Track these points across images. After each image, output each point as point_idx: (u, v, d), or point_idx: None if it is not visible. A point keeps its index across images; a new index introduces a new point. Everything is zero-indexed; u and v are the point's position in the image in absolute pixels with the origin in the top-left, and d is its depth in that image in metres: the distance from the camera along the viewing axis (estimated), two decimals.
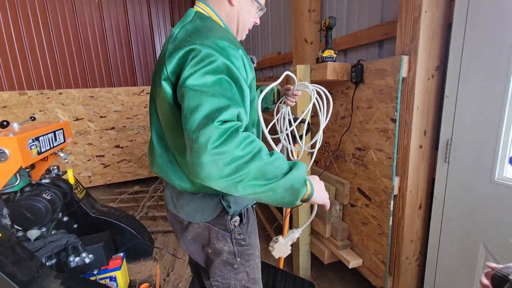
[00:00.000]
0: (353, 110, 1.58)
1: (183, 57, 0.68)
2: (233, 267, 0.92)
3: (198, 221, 0.88)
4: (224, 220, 0.88)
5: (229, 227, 0.89)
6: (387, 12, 1.56)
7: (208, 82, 0.63)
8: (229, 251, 0.90)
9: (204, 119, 0.59)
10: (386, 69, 1.32)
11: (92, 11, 4.03)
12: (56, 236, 1.22)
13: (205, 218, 0.87)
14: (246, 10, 0.89)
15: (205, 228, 0.89)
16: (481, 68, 1.10)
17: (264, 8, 0.94)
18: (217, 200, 0.87)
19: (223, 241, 0.89)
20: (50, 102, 3.41)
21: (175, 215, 0.93)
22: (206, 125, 0.58)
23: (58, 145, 1.42)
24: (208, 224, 0.88)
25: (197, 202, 0.87)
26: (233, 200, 0.88)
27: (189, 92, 0.63)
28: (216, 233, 0.89)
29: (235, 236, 0.90)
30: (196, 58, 0.65)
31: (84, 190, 1.75)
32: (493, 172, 1.10)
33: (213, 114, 0.60)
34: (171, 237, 2.57)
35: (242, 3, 0.87)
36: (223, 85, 0.65)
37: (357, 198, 1.64)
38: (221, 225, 0.88)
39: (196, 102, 0.61)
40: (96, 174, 3.75)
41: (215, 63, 0.65)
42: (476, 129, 1.14)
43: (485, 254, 1.18)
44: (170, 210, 0.94)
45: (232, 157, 0.58)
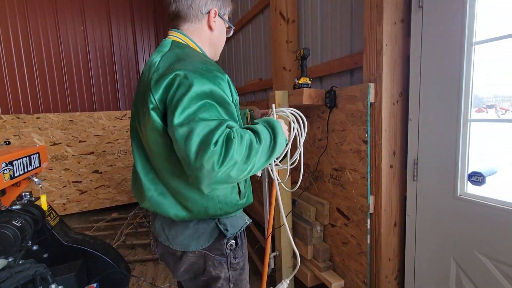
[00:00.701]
0: (328, 133, 1.67)
1: (169, 84, 0.69)
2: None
3: (193, 249, 0.84)
4: (221, 244, 0.86)
5: (225, 251, 0.86)
6: (356, 44, 1.72)
7: (194, 109, 0.66)
8: (225, 277, 0.88)
9: (201, 146, 0.62)
10: (356, 95, 1.43)
11: (77, 36, 4.08)
12: (24, 266, 1.15)
13: (201, 245, 0.84)
14: (221, 32, 0.94)
15: (200, 257, 0.86)
16: (436, 94, 1.23)
17: (232, 27, 0.98)
18: (213, 225, 0.85)
19: (219, 268, 0.87)
20: (27, 126, 3.32)
21: (167, 247, 0.87)
22: (205, 151, 0.61)
23: (33, 169, 1.38)
24: (203, 251, 0.85)
25: (192, 229, 0.84)
26: (229, 223, 0.86)
27: (179, 127, 0.65)
28: (212, 260, 0.86)
29: (230, 261, 0.88)
30: (181, 84, 0.68)
31: (57, 217, 1.68)
32: (455, 189, 1.19)
33: (207, 138, 0.62)
34: (150, 266, 2.45)
35: (218, 27, 0.91)
36: (208, 108, 0.67)
37: (337, 218, 1.68)
38: (217, 250, 0.86)
39: (187, 130, 0.64)
40: (72, 201, 3.58)
41: (200, 89, 0.67)
42: (438, 149, 1.24)
43: (456, 268, 1.23)
44: (162, 242, 0.88)
45: (236, 163, 0.64)
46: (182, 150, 0.64)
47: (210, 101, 0.68)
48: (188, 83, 0.67)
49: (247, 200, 0.91)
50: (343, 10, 1.74)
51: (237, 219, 0.90)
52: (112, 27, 4.26)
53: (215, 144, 0.62)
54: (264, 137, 0.71)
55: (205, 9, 0.86)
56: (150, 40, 4.55)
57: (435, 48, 1.22)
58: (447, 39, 1.17)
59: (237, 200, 0.86)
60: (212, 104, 0.68)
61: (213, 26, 0.89)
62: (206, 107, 0.67)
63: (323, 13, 1.93)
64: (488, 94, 1.50)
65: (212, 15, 0.88)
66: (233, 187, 0.86)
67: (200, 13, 0.86)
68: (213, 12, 0.87)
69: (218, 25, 0.91)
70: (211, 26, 0.88)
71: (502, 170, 1.69)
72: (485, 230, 1.11)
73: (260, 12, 2.86)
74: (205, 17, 0.87)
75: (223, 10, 0.92)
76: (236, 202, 0.86)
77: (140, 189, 0.85)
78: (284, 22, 2.17)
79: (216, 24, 0.90)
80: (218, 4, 0.89)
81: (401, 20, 1.34)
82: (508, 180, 1.53)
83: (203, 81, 0.68)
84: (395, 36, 1.33)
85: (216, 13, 0.88)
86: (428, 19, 1.23)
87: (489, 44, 1.07)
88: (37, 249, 1.39)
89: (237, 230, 0.88)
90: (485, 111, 1.46)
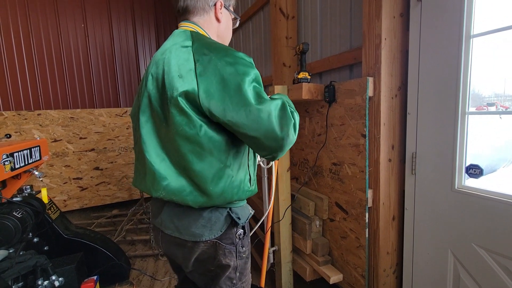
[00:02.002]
0: (327, 127, 1.67)
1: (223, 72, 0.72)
2: (232, 282, 0.92)
3: (206, 238, 0.84)
4: (232, 233, 0.88)
5: (235, 241, 0.88)
6: (355, 40, 1.73)
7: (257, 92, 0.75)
8: (233, 266, 0.90)
9: (283, 120, 0.74)
10: (354, 89, 1.44)
11: (77, 33, 4.08)
12: (25, 257, 1.17)
13: (214, 235, 0.85)
14: (228, 24, 0.96)
15: (211, 246, 0.86)
16: (434, 88, 1.23)
17: (238, 18, 1.01)
18: (226, 214, 0.86)
19: (229, 256, 0.88)
20: (28, 123, 3.33)
21: (175, 238, 0.87)
22: (287, 123, 0.74)
23: (34, 162, 1.39)
24: (215, 240, 0.86)
25: (206, 218, 0.84)
26: (240, 212, 0.89)
27: (256, 105, 0.73)
28: (223, 249, 0.87)
29: (238, 250, 0.90)
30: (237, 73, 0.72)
31: (58, 210, 1.69)
32: (453, 181, 1.20)
33: (286, 113, 0.75)
34: (150, 262, 2.46)
35: (225, 19, 0.94)
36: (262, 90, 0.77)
37: (336, 212, 1.69)
38: (228, 239, 0.87)
39: (266, 109, 0.73)
40: (72, 197, 3.59)
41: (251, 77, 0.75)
42: (436, 142, 1.25)
43: (453, 261, 1.24)
44: (169, 234, 0.87)
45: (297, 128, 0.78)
46: (264, 126, 0.72)
47: (258, 85, 0.76)
48: (242, 71, 0.72)
49: (255, 188, 0.94)
50: (342, 6, 1.75)
51: (244, 208, 0.92)
52: (113, 24, 4.27)
53: (292, 117, 0.76)
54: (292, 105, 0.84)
55: (212, 1, 0.89)
56: (151, 36, 4.55)
57: (434, 42, 1.22)
58: (445, 32, 1.17)
59: (248, 187, 0.88)
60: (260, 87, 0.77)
61: (220, 18, 0.91)
62: (262, 90, 0.76)
63: (323, 9, 1.93)
64: (489, 92, 1.51)
65: (218, 6, 0.90)
66: (246, 174, 0.88)
67: (207, 6, 0.88)
68: (219, 3, 0.90)
69: (225, 16, 0.93)
70: (218, 18, 0.91)
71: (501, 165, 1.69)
72: (482, 222, 1.11)
73: (260, 9, 2.87)
74: (212, 9, 0.90)
75: (228, 1, 0.94)
76: (248, 188, 0.88)
77: (152, 180, 0.83)
78: (284, 18, 2.18)
79: (222, 15, 0.92)
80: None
81: (400, 14, 1.35)
82: (505, 173, 1.53)
83: (250, 70, 0.74)
84: (394, 30, 1.34)
85: (222, 4, 0.91)
86: (426, 12, 1.24)
87: (489, 38, 1.07)
88: (37, 242, 1.40)
89: (246, 219, 0.90)
90: (486, 109, 1.46)
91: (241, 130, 0.73)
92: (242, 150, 0.85)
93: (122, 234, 2.85)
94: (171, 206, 0.87)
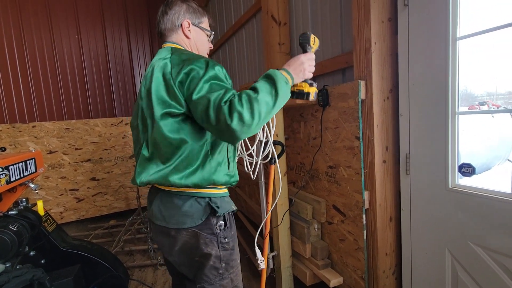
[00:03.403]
0: (322, 131, 1.69)
1: (187, 73, 0.87)
2: (219, 272, 0.99)
3: (188, 226, 0.95)
4: (211, 224, 0.97)
5: (215, 231, 0.97)
6: (346, 44, 1.76)
7: (207, 87, 0.85)
8: (215, 255, 0.98)
9: (216, 107, 0.81)
10: (347, 93, 1.46)
11: (71, 45, 4.10)
12: (22, 270, 1.15)
13: (194, 223, 0.95)
14: (200, 40, 1.12)
15: (193, 235, 0.96)
16: (425, 89, 1.26)
17: (212, 32, 1.16)
18: (205, 204, 0.97)
19: (210, 246, 0.97)
20: (22, 135, 3.31)
21: (162, 227, 0.98)
22: (219, 109, 0.80)
23: (29, 175, 1.38)
24: (196, 230, 0.96)
25: (187, 207, 0.95)
26: (219, 203, 0.98)
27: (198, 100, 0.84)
28: (203, 238, 0.96)
29: (220, 240, 0.99)
30: (196, 73, 0.87)
31: (54, 223, 1.68)
32: (447, 181, 1.21)
33: (219, 101, 0.81)
34: (149, 272, 2.44)
35: (196, 35, 1.10)
36: (216, 84, 0.86)
37: (333, 215, 1.70)
38: (208, 229, 0.97)
39: (206, 101, 0.82)
40: (69, 209, 3.56)
41: (208, 75, 0.86)
42: (428, 143, 1.27)
43: (451, 259, 1.25)
44: (158, 224, 1.00)
45: (242, 113, 0.78)
46: (204, 115, 0.82)
47: (215, 81, 0.87)
48: (201, 72, 0.86)
49: (234, 175, 1.05)
50: (332, 12, 1.78)
51: (225, 202, 1.02)
52: (107, 34, 4.29)
53: (225, 103, 0.80)
54: (262, 87, 0.84)
55: (178, 22, 1.06)
56: (145, 46, 4.58)
57: (422, 45, 1.25)
58: (432, 35, 1.20)
59: (226, 171, 1.00)
60: (217, 82, 0.87)
61: (188, 35, 1.07)
62: (215, 84, 0.86)
63: (314, 15, 1.97)
64: (481, 92, 1.54)
65: (186, 25, 1.06)
66: (223, 159, 1.00)
67: (174, 27, 1.06)
68: (185, 22, 1.06)
69: (194, 32, 1.09)
70: (186, 35, 1.07)
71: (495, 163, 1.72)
72: (477, 220, 1.13)
73: (253, 16, 2.91)
74: (180, 29, 1.06)
75: (197, 20, 1.09)
76: (225, 172, 1.00)
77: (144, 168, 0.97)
78: (276, 24, 2.21)
79: (191, 32, 1.08)
80: (189, 16, 1.07)
81: (388, 19, 1.38)
82: (499, 171, 1.56)
83: (209, 70, 0.87)
84: (383, 34, 1.37)
85: (189, 23, 1.07)
86: (413, 16, 1.27)
87: (477, 39, 1.10)
88: (34, 255, 1.38)
89: (225, 211, 0.99)
90: (478, 108, 1.49)
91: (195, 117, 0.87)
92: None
93: (120, 245, 2.82)
94: (160, 198, 1.00)
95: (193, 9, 1.09)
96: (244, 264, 2.40)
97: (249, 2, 2.94)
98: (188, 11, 1.07)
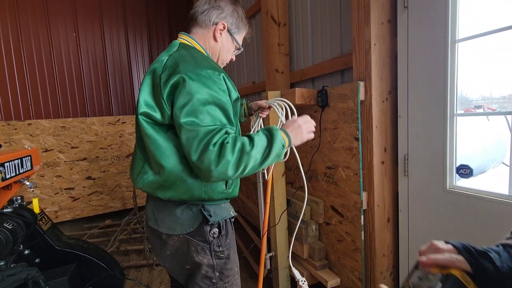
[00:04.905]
0: (321, 132, 1.69)
1: (175, 85, 0.80)
2: (212, 281, 0.93)
3: (178, 233, 0.89)
4: (203, 231, 0.90)
5: (208, 238, 0.91)
6: (345, 46, 1.77)
7: (197, 114, 0.77)
8: (208, 264, 0.91)
9: (202, 146, 0.74)
10: (346, 94, 1.47)
11: (69, 43, 4.06)
12: (16, 269, 1.13)
13: (185, 230, 0.89)
14: (227, 47, 1.03)
15: (184, 242, 0.91)
16: (423, 91, 1.27)
17: (241, 49, 1.08)
18: (197, 211, 0.90)
19: (202, 254, 0.91)
20: (18, 133, 3.27)
21: (155, 230, 0.94)
22: (205, 151, 0.74)
23: (25, 172, 1.37)
24: (187, 236, 0.90)
25: (178, 213, 0.90)
26: (213, 210, 0.91)
27: (185, 126, 0.77)
28: (195, 246, 0.90)
29: (214, 248, 0.92)
30: (186, 88, 0.77)
31: (49, 221, 1.65)
32: (444, 182, 1.22)
33: (208, 141, 0.74)
34: (145, 272, 2.41)
35: (225, 42, 1.01)
36: (210, 113, 0.78)
37: (331, 216, 1.70)
38: (200, 236, 0.90)
39: (192, 131, 0.76)
40: (64, 208, 3.51)
41: (202, 96, 0.77)
42: (427, 144, 1.28)
43: None
44: (151, 226, 0.96)
45: (229, 163, 0.74)
46: (187, 147, 0.76)
47: (212, 106, 0.78)
48: (192, 89, 0.77)
49: (232, 191, 0.97)
50: (332, 13, 1.79)
51: (221, 208, 0.95)
52: (105, 32, 4.27)
53: (214, 145, 0.74)
54: (259, 143, 0.80)
55: (214, 20, 0.96)
56: (143, 44, 4.56)
57: (421, 47, 1.26)
58: (431, 37, 1.21)
59: (223, 189, 0.92)
60: (213, 109, 0.79)
61: (217, 38, 0.98)
62: (207, 113, 0.78)
63: (313, 16, 1.98)
64: (477, 95, 1.56)
65: (220, 27, 0.97)
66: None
67: (208, 21, 0.96)
68: (220, 25, 0.97)
69: (225, 39, 1.00)
70: (215, 37, 0.98)
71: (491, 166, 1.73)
72: (473, 221, 1.13)
73: (252, 17, 2.91)
74: (212, 27, 0.97)
75: (235, 28, 1.01)
76: (222, 190, 0.92)
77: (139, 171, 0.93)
78: (276, 25, 2.22)
79: (222, 37, 0.99)
80: (230, 20, 0.98)
81: (388, 21, 1.39)
82: (495, 173, 1.57)
83: (204, 88, 0.78)
84: (382, 36, 1.38)
85: (224, 26, 0.98)
86: (413, 19, 1.28)
87: (474, 42, 1.11)
88: (28, 254, 1.36)
89: (220, 218, 0.92)
90: (474, 111, 1.51)
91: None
92: None
93: (115, 245, 2.79)
94: (153, 200, 0.95)
95: (237, 16, 1.00)
96: (241, 264, 2.38)
97: (249, 2, 2.95)
98: (232, 16, 0.99)
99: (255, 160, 0.78)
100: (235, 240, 1.04)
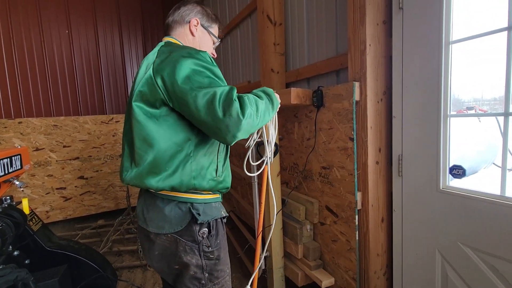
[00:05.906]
0: (316, 132, 1.70)
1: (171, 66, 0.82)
2: (201, 282, 0.91)
3: (166, 232, 0.89)
4: (192, 231, 0.89)
5: (197, 238, 0.90)
6: (341, 46, 1.77)
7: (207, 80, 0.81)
8: (196, 264, 0.90)
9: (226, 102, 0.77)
10: (341, 94, 1.47)
11: (61, 39, 4.00)
12: (5, 271, 1.10)
13: (173, 229, 0.88)
14: (204, 42, 1.11)
15: (172, 241, 0.90)
16: (418, 92, 1.28)
17: (219, 40, 1.15)
18: (186, 209, 0.89)
19: (190, 254, 0.90)
20: (8, 131, 3.20)
21: (144, 229, 0.94)
22: (230, 105, 0.77)
23: (14, 171, 1.33)
24: (175, 236, 0.89)
25: (167, 211, 0.89)
26: (202, 209, 0.90)
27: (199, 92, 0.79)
28: (183, 245, 0.89)
29: (203, 249, 0.90)
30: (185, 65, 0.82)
31: (40, 222, 1.62)
32: (438, 182, 1.23)
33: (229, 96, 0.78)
34: (138, 273, 2.39)
35: (201, 35, 1.10)
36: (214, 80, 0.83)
37: (326, 216, 1.70)
38: (188, 236, 0.89)
39: (210, 95, 0.78)
40: (55, 208, 3.45)
41: (202, 67, 0.83)
42: (420, 144, 1.29)
43: (441, 260, 1.26)
44: (140, 225, 0.96)
45: (251, 114, 0.81)
46: (209, 109, 0.76)
47: (212, 74, 0.84)
48: (192, 63, 0.82)
49: (223, 180, 0.97)
50: (328, 13, 1.79)
51: (212, 208, 0.94)
52: (99, 30, 4.21)
53: (235, 100, 0.78)
54: (263, 97, 0.91)
55: (187, 18, 1.07)
56: (137, 42, 4.51)
57: (416, 48, 1.27)
58: (426, 38, 1.22)
59: (213, 176, 0.92)
60: (216, 75, 0.85)
61: (194, 33, 1.07)
62: (213, 77, 0.83)
63: (309, 16, 1.98)
64: (469, 97, 1.58)
65: (194, 23, 1.07)
66: (211, 163, 0.93)
67: (183, 21, 1.07)
68: (194, 20, 1.07)
69: (201, 33, 1.10)
70: (192, 32, 1.07)
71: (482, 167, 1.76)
72: (466, 221, 1.15)
73: (248, 16, 2.90)
74: (187, 25, 1.07)
75: (207, 23, 1.10)
76: (212, 177, 0.92)
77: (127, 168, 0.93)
78: (271, 24, 2.21)
79: (198, 31, 1.08)
80: (200, 17, 1.08)
81: (383, 22, 1.40)
82: (486, 174, 1.59)
83: (201, 62, 0.84)
84: (377, 37, 1.38)
85: (198, 22, 1.08)
86: (408, 20, 1.29)
87: (467, 44, 1.12)
88: (18, 255, 1.33)
89: (210, 218, 0.92)
90: (466, 112, 1.53)
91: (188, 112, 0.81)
92: (209, 140, 0.92)
93: (108, 245, 2.76)
94: (144, 198, 0.95)
95: (206, 13, 1.10)
96: (235, 265, 2.38)
97: (244, 1, 2.94)
98: (201, 13, 1.09)
99: (266, 111, 0.88)
100: (228, 241, 1.03)
